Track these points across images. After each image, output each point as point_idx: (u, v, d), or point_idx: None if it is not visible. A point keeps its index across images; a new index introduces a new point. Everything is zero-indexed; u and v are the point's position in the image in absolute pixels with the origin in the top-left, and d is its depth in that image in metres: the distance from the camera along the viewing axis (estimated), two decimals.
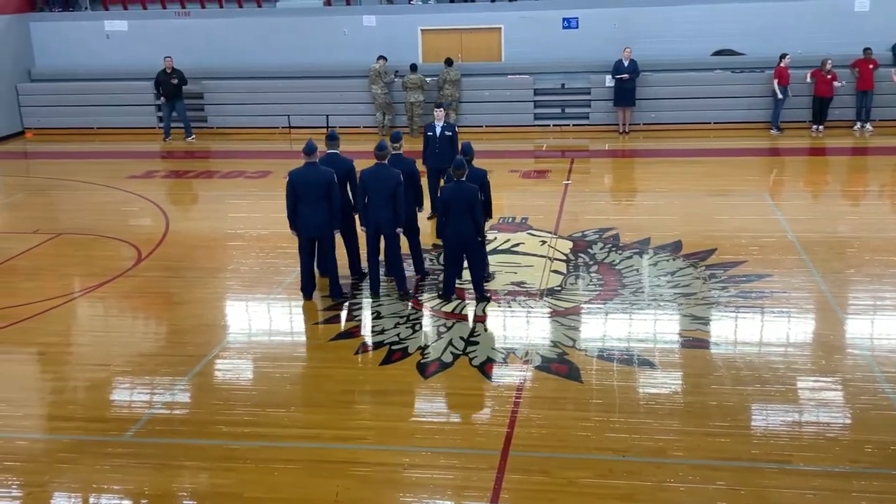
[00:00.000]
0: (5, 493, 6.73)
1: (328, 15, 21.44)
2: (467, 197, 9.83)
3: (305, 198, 9.97)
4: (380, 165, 10.15)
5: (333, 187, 9.96)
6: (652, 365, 8.52)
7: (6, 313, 10.22)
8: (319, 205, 9.96)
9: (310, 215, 10.01)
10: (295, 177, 10.04)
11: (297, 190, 9.98)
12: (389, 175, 10.07)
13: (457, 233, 9.94)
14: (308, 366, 8.83)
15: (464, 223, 9.88)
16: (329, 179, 9.94)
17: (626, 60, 19.28)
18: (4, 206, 15.73)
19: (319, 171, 9.99)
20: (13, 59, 21.56)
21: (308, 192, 9.94)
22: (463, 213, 9.85)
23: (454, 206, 9.85)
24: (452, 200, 9.87)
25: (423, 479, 6.74)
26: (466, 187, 9.88)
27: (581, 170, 17.15)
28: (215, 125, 21.24)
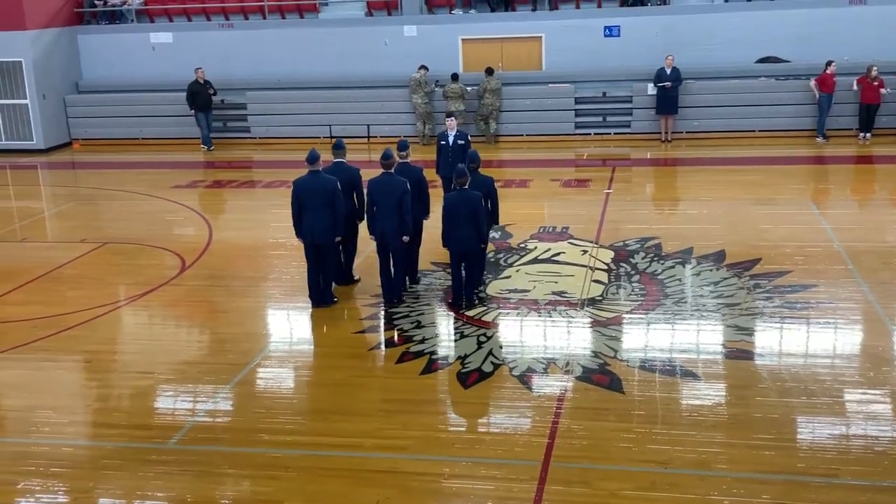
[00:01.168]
0: (51, 498, 6.83)
1: (370, 25, 21.58)
2: (470, 204, 9.90)
3: (309, 205, 10.15)
4: (386, 174, 10.23)
5: (337, 195, 10.13)
6: (695, 376, 8.42)
7: (54, 321, 10.39)
8: (323, 212, 10.12)
9: (313, 222, 10.17)
10: (299, 185, 10.23)
11: (301, 198, 10.16)
12: (396, 184, 10.15)
13: (460, 240, 10.01)
14: (349, 375, 8.85)
15: (467, 230, 9.95)
16: (332, 187, 10.10)
17: (669, 68, 19.14)
18: (53, 216, 16.02)
19: (323, 180, 10.15)
20: (62, 71, 21.97)
21: (312, 199, 10.13)
22: (466, 221, 9.92)
23: (457, 214, 9.92)
24: (455, 208, 9.94)
25: (464, 490, 6.72)
26: (469, 195, 9.94)
27: (622, 178, 17.04)
28: (258, 135, 21.45)
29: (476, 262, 10.30)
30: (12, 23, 20.73)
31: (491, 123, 20.19)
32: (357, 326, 10.02)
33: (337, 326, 10.20)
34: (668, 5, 20.72)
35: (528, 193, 16.13)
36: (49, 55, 21.57)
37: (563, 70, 20.54)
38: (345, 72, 21.27)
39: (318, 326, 10.24)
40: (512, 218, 14.01)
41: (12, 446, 7.65)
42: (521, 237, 12.95)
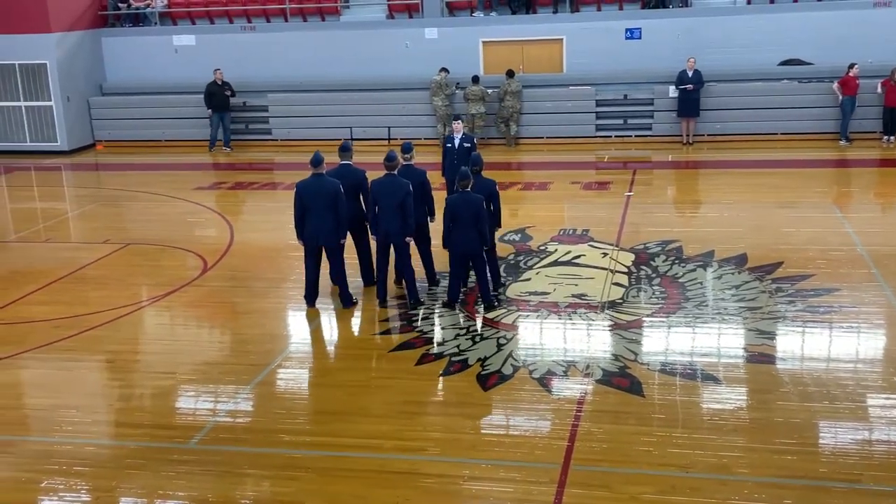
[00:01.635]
0: (75, 497, 6.89)
1: (391, 28, 21.64)
2: (473, 207, 9.94)
3: (312, 208, 10.19)
4: (389, 176, 10.30)
5: (340, 198, 10.17)
6: (716, 380, 8.38)
7: (77, 321, 10.49)
8: (326, 215, 10.17)
9: (316, 225, 10.22)
10: (302, 187, 10.27)
11: (305, 200, 10.21)
12: (398, 185, 10.20)
13: (462, 243, 10.06)
14: (369, 376, 8.88)
15: (469, 233, 9.98)
16: (335, 190, 10.15)
17: (691, 71, 19.07)
18: (76, 217, 16.17)
19: (326, 182, 10.20)
20: (86, 73, 22.18)
21: (315, 202, 10.16)
22: (468, 223, 9.95)
23: (460, 216, 9.96)
24: (458, 210, 9.97)
25: (483, 492, 6.72)
26: (472, 197, 9.98)
27: (643, 181, 16.99)
28: (279, 137, 21.55)
29: (481, 264, 10.32)
30: (38, 25, 20.94)
31: (511, 126, 20.18)
32: (378, 328, 10.05)
33: (357, 328, 10.23)
34: (690, 7, 20.64)
35: (548, 196, 16.12)
36: (73, 57, 21.78)
37: (584, 72, 20.51)
38: (366, 74, 21.33)
39: (338, 328, 10.27)
40: (532, 220, 14.02)
41: (36, 445, 7.72)
42: (541, 239, 12.94)
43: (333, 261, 10.51)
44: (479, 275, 10.38)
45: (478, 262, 10.28)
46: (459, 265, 10.32)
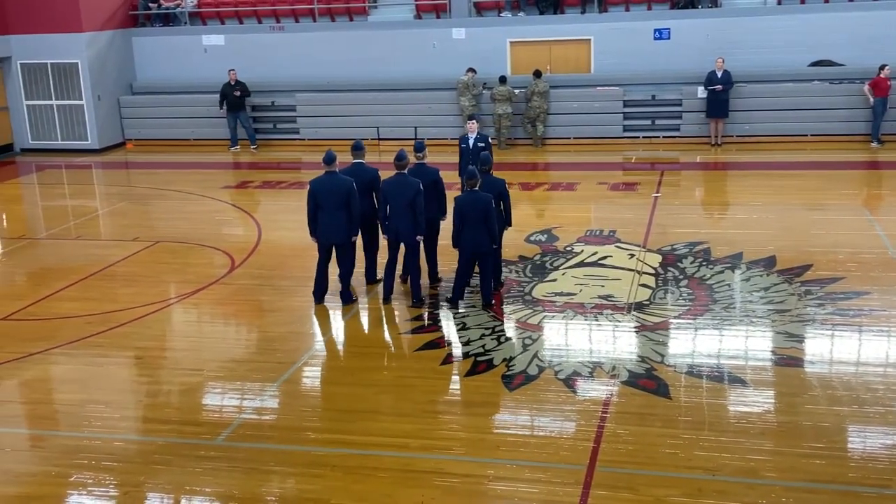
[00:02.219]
0: (103, 492, 6.96)
1: (418, 28, 21.66)
2: (482, 206, 9.97)
3: (325, 206, 10.29)
4: (399, 175, 10.35)
5: (353, 196, 10.24)
6: (743, 382, 8.32)
7: (106, 318, 10.59)
8: (338, 213, 10.26)
9: (329, 223, 10.32)
10: (315, 185, 10.37)
11: (317, 198, 10.31)
12: (408, 184, 10.27)
13: (471, 241, 10.10)
14: (394, 375, 8.90)
15: (478, 232, 10.02)
16: (348, 188, 10.22)
17: (720, 71, 18.94)
18: (106, 215, 16.33)
19: (339, 180, 10.28)
20: (116, 72, 22.39)
21: (328, 200, 10.26)
22: (477, 222, 9.99)
23: (469, 215, 10.00)
24: (467, 209, 10.00)
25: (508, 492, 6.72)
26: (481, 196, 10.01)
27: (671, 182, 16.89)
28: (307, 137, 21.65)
29: (488, 263, 10.37)
30: (70, 25, 21.18)
31: (538, 126, 20.15)
32: (403, 327, 10.07)
33: (383, 327, 10.26)
34: (720, 7, 20.49)
35: (575, 196, 16.07)
36: (104, 57, 22.00)
37: (612, 73, 20.43)
38: (393, 74, 21.38)
39: (364, 327, 10.30)
40: (558, 221, 13.99)
41: (65, 440, 7.81)
42: (567, 240, 12.91)
43: (344, 258, 10.59)
44: (484, 273, 10.42)
45: (485, 261, 10.31)
46: (468, 264, 10.37)
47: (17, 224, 16.23)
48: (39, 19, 21.26)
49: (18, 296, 11.58)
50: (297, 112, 21.78)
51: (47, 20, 21.23)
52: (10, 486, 7.07)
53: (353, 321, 10.40)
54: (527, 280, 11.31)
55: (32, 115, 22.09)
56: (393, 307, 10.61)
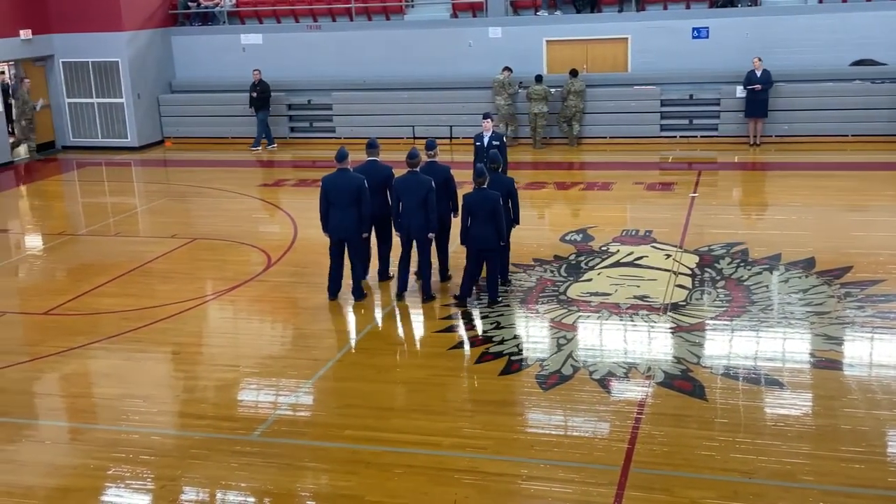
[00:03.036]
0: (141, 485, 7.05)
1: (455, 27, 21.66)
2: (489, 204, 10.07)
3: (336, 202, 10.45)
4: (412, 173, 10.49)
5: (363, 193, 10.38)
6: (781, 385, 8.23)
7: (145, 314, 10.72)
8: (349, 209, 10.41)
9: (340, 219, 10.48)
10: (327, 182, 10.54)
11: (329, 195, 10.48)
12: (420, 182, 10.38)
13: (479, 238, 10.18)
14: (429, 373, 8.91)
15: (486, 229, 10.10)
16: (359, 185, 10.37)
17: (758, 71, 18.73)
18: (145, 212, 16.53)
19: (350, 177, 10.45)
20: (156, 71, 22.64)
21: (339, 197, 10.41)
22: (485, 220, 10.09)
23: (477, 213, 10.10)
24: (475, 207, 10.10)
25: (542, 492, 6.70)
26: (488, 194, 10.11)
27: (708, 182, 16.74)
28: (343, 135, 21.69)
29: (494, 261, 10.46)
30: (111, 24, 21.46)
31: (574, 125, 20.06)
32: (437, 326, 10.08)
33: (418, 325, 10.28)
34: (759, 6, 20.26)
35: (610, 196, 15.99)
36: (144, 56, 22.26)
37: (649, 72, 20.28)
38: (429, 73, 21.40)
39: (399, 325, 10.34)
40: (594, 221, 13.93)
41: (104, 433, 7.92)
42: (603, 240, 12.85)
43: (353, 254, 10.73)
44: (490, 271, 10.52)
45: (492, 258, 10.41)
46: (476, 262, 10.45)
47: (58, 220, 16.48)
48: (81, 18, 21.56)
49: (59, 291, 11.76)
50: (334, 111, 21.87)
51: (89, 19, 21.52)
52: (50, 478, 7.18)
53: (387, 319, 10.44)
54: (562, 280, 11.28)
55: (74, 112, 22.42)
56: (433, 305, 10.62)
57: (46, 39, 21.74)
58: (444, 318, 10.24)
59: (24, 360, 9.57)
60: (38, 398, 8.82)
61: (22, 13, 21.03)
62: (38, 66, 22.17)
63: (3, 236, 15.13)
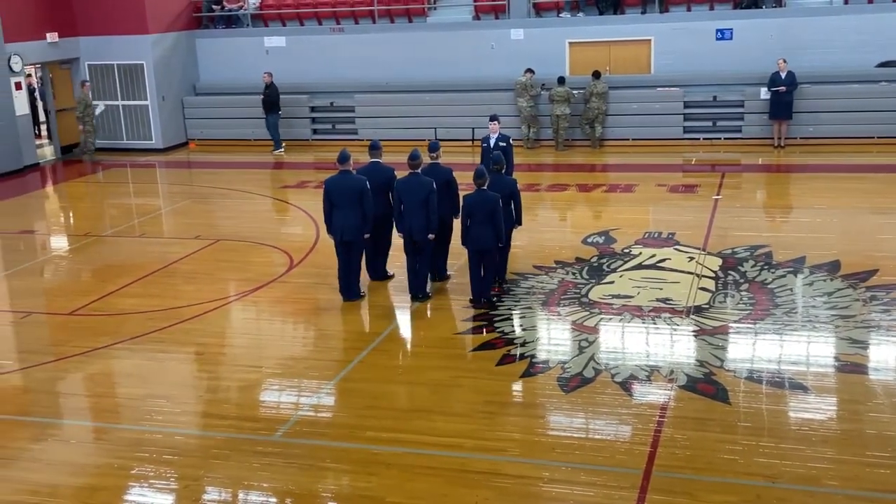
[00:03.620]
0: (164, 484, 7.10)
1: (477, 29, 21.66)
2: (488, 205, 10.20)
3: (339, 204, 10.58)
4: (413, 174, 10.63)
5: (365, 194, 10.51)
6: (805, 389, 8.16)
7: (169, 314, 10.80)
8: (352, 210, 10.53)
9: (343, 220, 10.59)
10: (329, 184, 10.71)
11: (332, 196, 10.63)
12: (421, 183, 10.52)
13: (478, 239, 10.31)
14: (449, 375, 8.90)
15: (485, 230, 10.23)
16: (361, 187, 10.51)
17: (783, 72, 18.60)
18: (169, 213, 16.64)
19: (352, 179, 10.59)
20: (181, 73, 22.81)
21: (341, 198, 10.56)
22: (484, 221, 10.22)
23: (476, 214, 10.25)
24: (474, 208, 10.26)
25: (563, 495, 6.68)
26: (488, 195, 10.24)
27: (732, 185, 16.64)
28: (365, 137, 21.73)
29: (492, 261, 10.54)
30: (136, 27, 21.65)
31: (597, 127, 20.01)
32: (458, 327, 10.08)
33: (438, 327, 10.29)
34: (784, 7, 20.12)
35: (633, 198, 15.92)
36: (169, 58, 22.43)
37: (673, 73, 20.20)
38: (451, 75, 21.41)
39: (420, 326, 10.34)
40: (616, 223, 13.88)
41: (128, 433, 7.98)
42: (625, 242, 12.80)
43: (353, 253, 10.84)
44: (487, 270, 10.59)
45: (489, 258, 10.50)
46: (476, 262, 10.53)
47: (83, 222, 16.63)
48: (107, 21, 21.77)
49: (84, 292, 11.86)
50: (356, 113, 21.95)
51: (115, 22, 21.73)
52: (74, 476, 7.25)
53: (409, 321, 10.44)
54: (584, 282, 11.24)
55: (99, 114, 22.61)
56: (450, 307, 10.62)
57: (73, 42, 21.96)
58: (465, 320, 10.24)
59: (49, 359, 9.66)
60: (62, 398, 8.90)
61: (49, 16, 21.26)
62: (64, 69, 22.38)
63: (30, 237, 15.29)
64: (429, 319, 10.48)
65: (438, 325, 10.32)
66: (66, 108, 22.45)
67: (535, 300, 10.69)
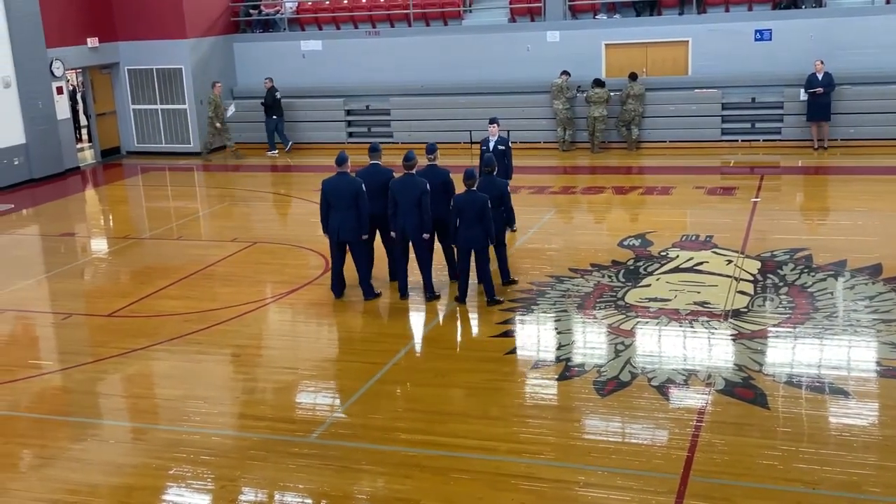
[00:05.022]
0: (201, 485, 7.15)
1: (512, 31, 21.62)
2: (477, 205, 10.38)
3: (336, 205, 10.80)
4: (408, 175, 10.81)
5: (360, 196, 10.71)
6: (846, 394, 8.03)
7: (206, 316, 10.89)
8: (348, 212, 10.74)
9: (340, 221, 10.81)
10: (327, 185, 10.93)
11: (329, 198, 10.84)
12: (415, 184, 10.70)
13: (467, 238, 10.51)
14: (485, 378, 8.88)
15: (474, 230, 10.41)
16: (356, 188, 10.72)
17: (820, 73, 18.34)
18: (208, 216, 16.80)
19: (348, 181, 10.82)
20: (218, 77, 22.95)
21: (338, 199, 10.77)
22: (473, 220, 10.40)
23: (465, 214, 10.46)
24: (464, 208, 10.47)
25: (600, 499, 6.63)
26: (476, 196, 10.44)
27: (771, 187, 16.44)
28: (400, 140, 21.81)
29: (482, 260, 10.66)
30: (175, 32, 21.90)
31: (633, 129, 19.89)
32: (494, 330, 10.06)
33: (474, 329, 10.28)
34: (824, 7, 19.85)
35: (670, 201, 15.79)
36: (207, 62, 22.64)
37: (710, 75, 20.00)
38: (486, 77, 21.40)
39: (455, 329, 10.34)
40: (653, 226, 13.77)
41: (166, 433, 8.05)
42: (662, 245, 12.69)
43: (355, 255, 11.02)
44: (480, 270, 10.71)
45: (479, 257, 10.62)
46: (466, 261, 10.68)
47: (122, 224, 16.85)
48: (146, 26, 22.04)
49: (123, 293, 12.01)
50: (392, 116, 22.00)
51: (154, 27, 22.00)
52: (113, 476, 7.33)
53: (444, 323, 10.44)
54: (620, 285, 11.17)
55: (138, 118, 22.90)
56: (485, 309, 10.61)
57: (113, 47, 22.26)
58: (500, 323, 10.21)
59: (88, 360, 9.78)
60: (102, 398, 9.01)
61: (89, 22, 21.58)
62: (105, 74, 22.70)
63: (70, 239, 15.51)
64: (464, 322, 10.47)
65: (475, 328, 10.31)
66: (105, 111, 22.76)
67: (571, 303, 10.63)
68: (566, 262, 12.10)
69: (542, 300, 10.74)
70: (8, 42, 19.35)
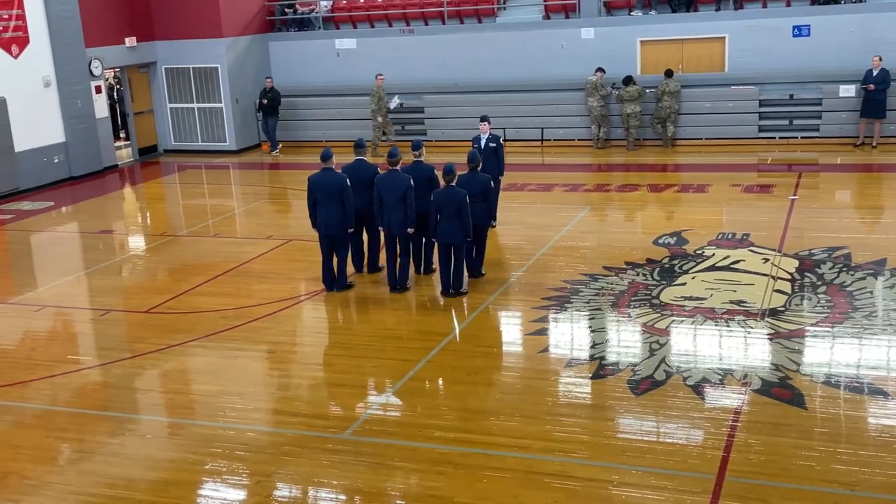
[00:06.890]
0: (236, 480, 7.22)
1: (547, 28, 21.54)
2: (455, 201, 10.62)
3: (322, 200, 11.12)
4: (392, 171, 11.12)
5: (345, 191, 11.02)
6: (885, 394, 7.91)
7: (241, 313, 10.98)
8: (334, 206, 11.05)
9: (326, 215, 11.12)
10: (313, 181, 11.26)
11: (315, 193, 11.17)
12: (399, 180, 10.96)
13: (447, 233, 10.75)
14: (518, 376, 8.88)
15: (453, 225, 10.67)
16: (341, 184, 11.04)
17: (876, 69, 18.04)
18: (243, 213, 16.93)
19: (333, 176, 11.15)
20: (253, 76, 23.17)
21: (324, 194, 11.08)
22: (452, 216, 10.64)
23: (444, 209, 10.70)
24: (443, 204, 10.70)
25: (634, 499, 6.59)
26: (455, 192, 10.68)
27: (809, 184, 16.24)
28: (434, 138, 21.83)
29: (461, 254, 10.94)
30: (211, 31, 22.09)
31: (668, 126, 19.74)
32: (528, 328, 10.04)
33: (508, 327, 10.26)
34: (864, 3, 19.54)
35: (706, 199, 15.65)
36: (242, 61, 22.82)
37: (747, 71, 19.79)
38: (521, 75, 21.34)
39: (489, 327, 10.33)
40: (688, 224, 13.66)
41: (202, 429, 8.13)
42: (698, 243, 12.58)
43: (339, 248, 11.29)
44: (458, 262, 11.01)
45: (459, 251, 10.87)
46: (446, 255, 10.91)
47: (160, 222, 17.03)
48: (183, 26, 22.27)
49: (160, 290, 12.14)
50: (426, 113, 22.02)
51: (190, 26, 22.21)
52: (150, 471, 7.41)
53: (478, 320, 10.44)
54: (655, 283, 11.09)
55: (175, 117, 23.14)
56: (518, 307, 10.59)
57: (150, 46, 22.51)
58: (534, 321, 10.19)
59: (126, 356, 9.91)
60: (139, 394, 9.12)
61: (127, 22, 21.84)
62: (142, 73, 22.95)
63: (108, 237, 15.71)
64: (498, 320, 10.46)
65: (509, 326, 10.29)
66: (143, 110, 23.01)
67: (605, 301, 10.58)
68: (600, 261, 12.05)
69: (575, 298, 10.70)
70: (48, 42, 19.64)
